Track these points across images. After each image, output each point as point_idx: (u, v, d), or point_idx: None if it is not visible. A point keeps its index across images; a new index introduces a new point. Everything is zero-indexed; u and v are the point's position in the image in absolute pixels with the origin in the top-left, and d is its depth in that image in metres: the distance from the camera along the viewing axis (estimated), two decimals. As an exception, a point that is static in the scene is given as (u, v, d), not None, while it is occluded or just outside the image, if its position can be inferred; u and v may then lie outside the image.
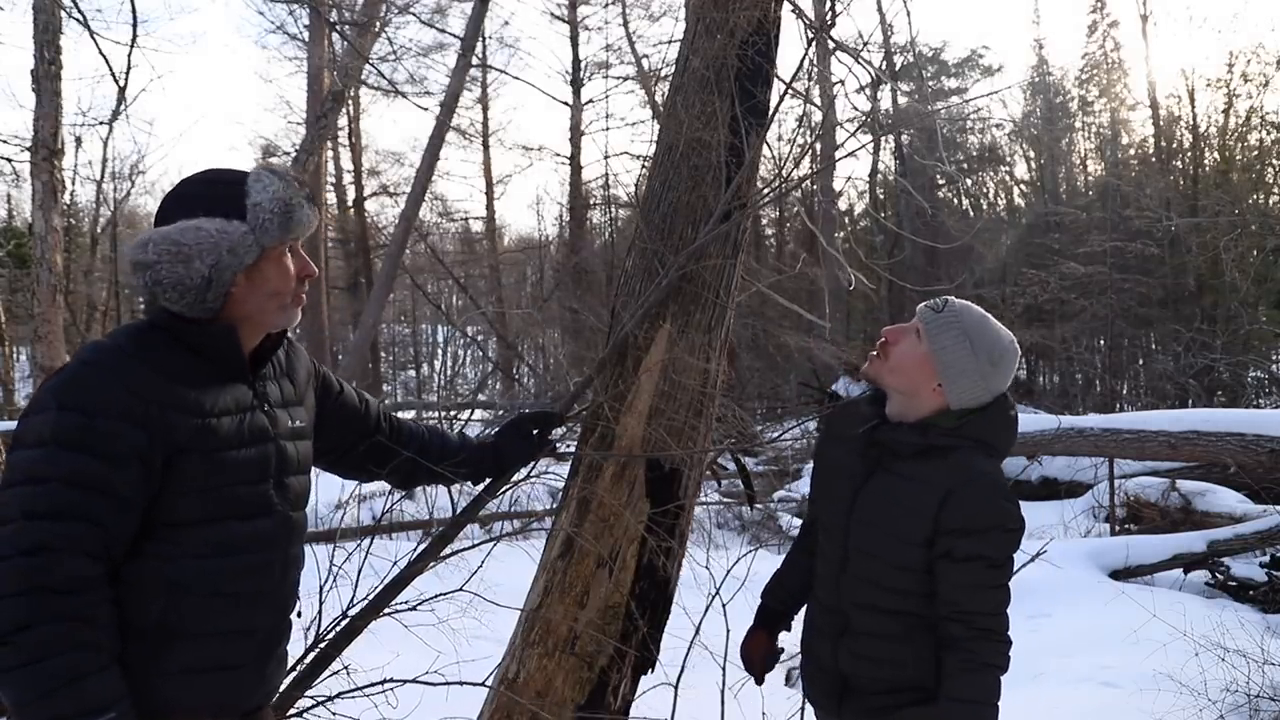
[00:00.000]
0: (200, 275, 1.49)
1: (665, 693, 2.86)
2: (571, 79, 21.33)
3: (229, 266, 1.51)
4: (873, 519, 1.90)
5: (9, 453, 1.43)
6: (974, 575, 1.79)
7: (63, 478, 1.39)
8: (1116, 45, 22.55)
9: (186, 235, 1.50)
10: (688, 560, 2.76)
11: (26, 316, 13.64)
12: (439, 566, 2.51)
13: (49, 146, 9.81)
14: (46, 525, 1.37)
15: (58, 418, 1.40)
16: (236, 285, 1.54)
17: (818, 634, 2.05)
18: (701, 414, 2.57)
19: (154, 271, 1.49)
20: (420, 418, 12.57)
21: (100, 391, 1.42)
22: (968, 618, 1.78)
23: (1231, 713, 3.72)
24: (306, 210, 1.60)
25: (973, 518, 1.79)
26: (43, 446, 1.40)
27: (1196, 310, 16.15)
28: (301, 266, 1.63)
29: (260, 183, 1.57)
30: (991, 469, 1.87)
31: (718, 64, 2.55)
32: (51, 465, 1.39)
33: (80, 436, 1.40)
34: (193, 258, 1.49)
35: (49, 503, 1.38)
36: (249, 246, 1.53)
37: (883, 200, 19.38)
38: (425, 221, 21.39)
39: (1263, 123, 16.86)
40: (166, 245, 1.49)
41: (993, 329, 1.90)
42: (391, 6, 14.96)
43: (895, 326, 1.96)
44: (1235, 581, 6.25)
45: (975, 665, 1.77)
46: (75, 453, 1.39)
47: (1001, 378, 1.89)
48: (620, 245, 19.69)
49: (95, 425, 1.40)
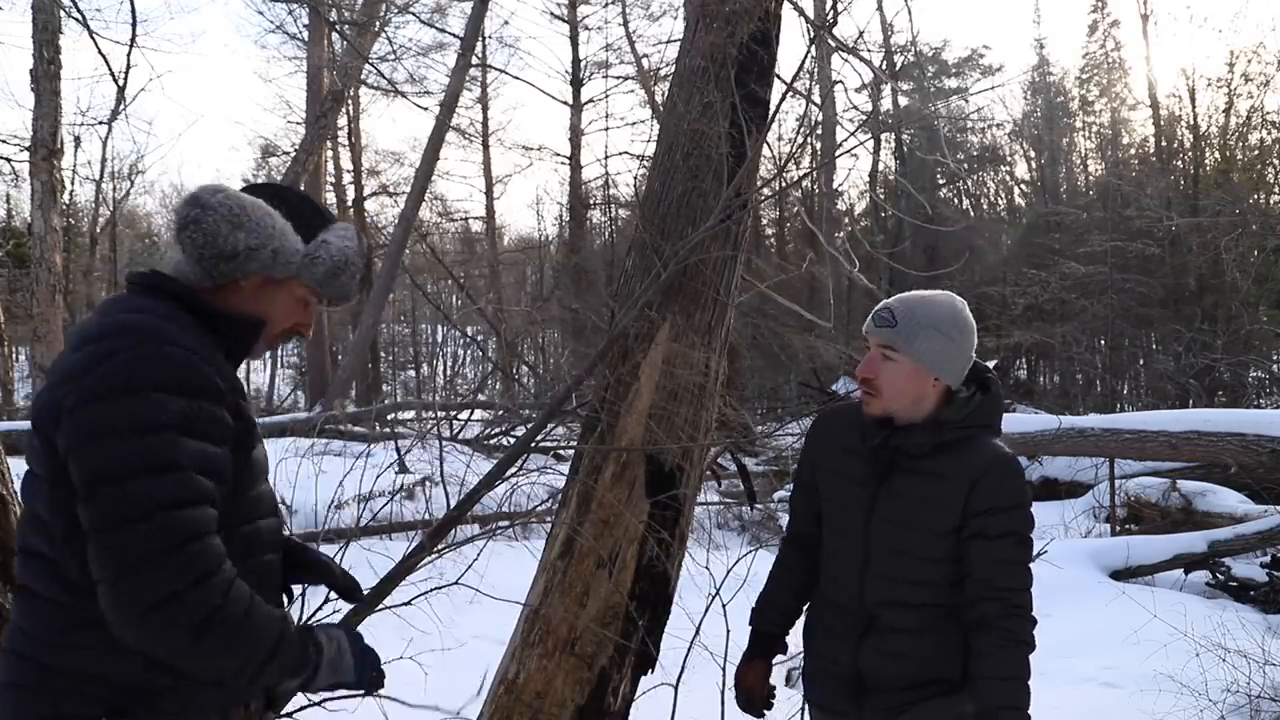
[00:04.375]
0: (233, 246, 1.45)
1: (665, 693, 2.86)
2: (571, 79, 21.32)
3: (261, 263, 1.49)
4: (898, 517, 1.93)
5: (88, 443, 1.29)
6: (1008, 551, 1.86)
7: (194, 466, 1.31)
8: (1117, 45, 22.58)
9: (255, 211, 1.48)
10: (688, 560, 2.76)
11: (26, 316, 13.63)
12: (437, 568, 2.50)
13: (48, 146, 9.81)
14: (191, 513, 1.30)
15: (159, 401, 1.30)
16: (248, 282, 1.51)
17: (832, 637, 2.04)
18: (701, 413, 2.57)
19: (202, 214, 1.45)
20: (420, 417, 12.56)
21: (192, 374, 1.35)
22: (1004, 595, 1.84)
23: (1232, 713, 3.71)
24: (351, 285, 1.60)
25: (1002, 497, 1.86)
26: (158, 432, 1.29)
27: (1197, 310, 16.15)
28: (302, 321, 1.60)
29: (341, 234, 1.58)
30: (1005, 450, 1.94)
31: (718, 59, 2.54)
32: (178, 451, 1.30)
33: (191, 421, 1.32)
34: (243, 228, 1.46)
35: (188, 489, 1.30)
36: (289, 265, 1.52)
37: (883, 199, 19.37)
38: (425, 221, 21.38)
39: (1264, 122, 16.88)
40: (233, 203, 1.47)
41: (941, 305, 1.92)
42: (391, 6, 14.95)
43: (865, 362, 1.95)
44: (1236, 582, 6.24)
45: (1012, 642, 1.83)
46: (195, 439, 1.32)
47: (973, 335, 1.95)
48: (620, 245, 19.69)
49: (201, 409, 1.34)
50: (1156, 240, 15.94)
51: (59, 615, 1.38)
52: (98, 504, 1.28)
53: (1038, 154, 23.06)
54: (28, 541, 1.43)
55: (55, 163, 9.98)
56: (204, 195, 1.47)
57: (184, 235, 1.46)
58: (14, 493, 2.76)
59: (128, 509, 1.27)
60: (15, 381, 15.41)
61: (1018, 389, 16.81)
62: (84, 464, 1.29)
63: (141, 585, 1.26)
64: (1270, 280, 15.01)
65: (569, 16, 21.33)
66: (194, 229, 1.45)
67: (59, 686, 1.37)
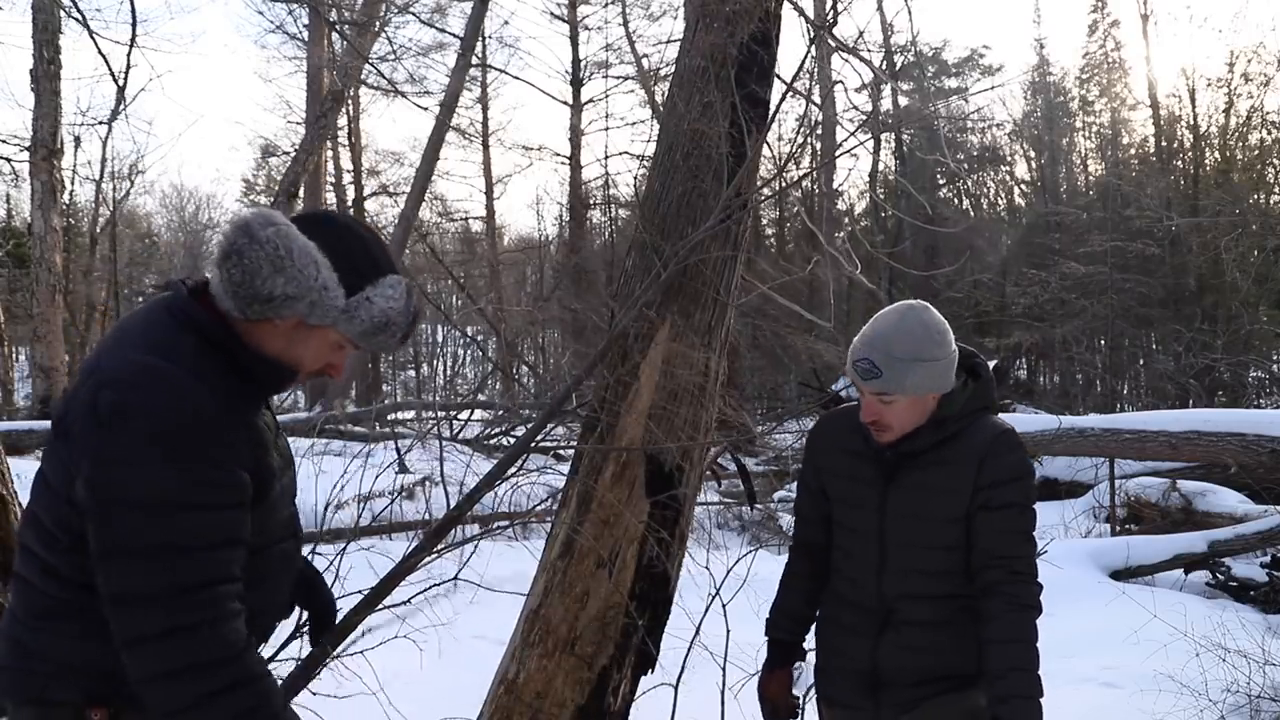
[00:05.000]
0: (270, 291, 1.39)
1: (665, 693, 2.85)
2: (571, 79, 21.31)
3: (296, 311, 1.43)
4: (911, 510, 1.98)
5: (102, 509, 1.30)
6: (1009, 521, 1.92)
7: (203, 542, 1.32)
8: (1117, 45, 22.58)
9: (301, 258, 1.40)
10: (688, 560, 2.76)
11: (26, 316, 13.63)
12: (435, 569, 2.50)
13: (48, 146, 9.82)
14: (194, 597, 1.31)
15: (173, 472, 1.30)
16: (285, 323, 1.45)
17: (848, 633, 2.07)
18: (701, 413, 2.57)
19: (249, 246, 1.38)
20: (420, 417, 12.55)
21: (211, 437, 1.34)
22: (1006, 562, 1.91)
23: (1232, 713, 3.71)
24: (391, 343, 1.53)
25: (1004, 469, 1.93)
26: (167, 508, 1.30)
27: (1197, 310, 16.15)
28: (334, 363, 1.56)
29: (390, 290, 1.48)
30: (1004, 425, 2.01)
31: (718, 59, 2.54)
32: (185, 530, 1.30)
33: (207, 492, 1.32)
34: (283, 273, 1.39)
35: (193, 572, 1.31)
36: (327, 314, 1.45)
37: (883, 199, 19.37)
38: (425, 221, 21.37)
39: (1264, 122, 16.88)
40: (281, 242, 1.39)
41: (912, 331, 1.92)
42: (391, 6, 14.94)
43: (866, 408, 1.97)
44: (1236, 582, 6.24)
45: (1017, 606, 1.89)
46: (206, 511, 1.32)
47: (949, 339, 1.96)
48: (620, 245, 19.68)
49: (218, 477, 1.34)
50: (1156, 240, 15.95)
51: (42, 602, 1.41)
52: (112, 574, 1.31)
53: (1038, 154, 23.07)
54: (24, 538, 1.46)
55: (55, 163, 9.99)
56: (255, 225, 1.40)
57: (226, 265, 1.40)
58: (14, 493, 2.76)
59: (138, 583, 1.30)
60: (15, 381, 15.41)
61: (1018, 389, 16.80)
62: (98, 528, 1.31)
63: (152, 658, 1.30)
64: (1270, 280, 15.01)
65: (569, 16, 21.32)
66: (236, 261, 1.39)
67: (44, 671, 1.40)
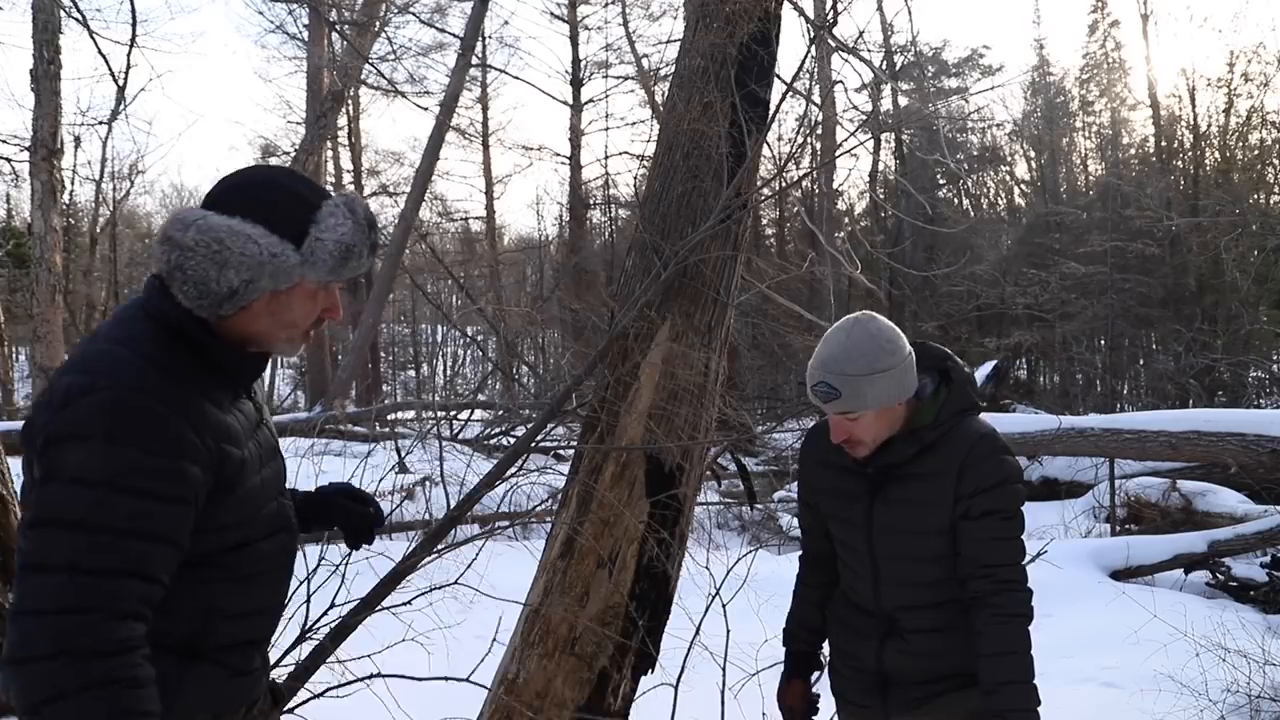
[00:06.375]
0: (228, 286, 1.34)
1: (665, 693, 2.85)
2: (571, 79, 21.32)
3: (261, 287, 1.38)
4: (897, 525, 1.98)
5: (41, 484, 1.25)
6: (991, 529, 1.90)
7: (120, 527, 1.23)
8: (1117, 45, 22.57)
9: (235, 241, 1.34)
10: (688, 560, 2.76)
11: (26, 316, 13.63)
12: (435, 569, 2.50)
13: (48, 146, 9.82)
14: (95, 581, 1.22)
15: (109, 452, 1.24)
16: (258, 301, 1.41)
17: (857, 636, 2.10)
18: (701, 413, 2.57)
19: (183, 257, 1.33)
20: (420, 417, 12.56)
21: (157, 423, 1.27)
22: (990, 572, 1.90)
23: (1232, 713, 3.71)
24: (365, 259, 1.47)
25: (984, 476, 1.90)
26: (92, 486, 1.23)
27: (1197, 310, 16.14)
28: (329, 307, 1.50)
29: (333, 219, 1.42)
30: (983, 427, 1.98)
31: (718, 59, 2.54)
32: (105, 511, 1.23)
33: (139, 478, 1.25)
34: (229, 265, 1.34)
35: (100, 556, 1.22)
36: (290, 274, 1.40)
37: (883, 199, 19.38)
38: (425, 221, 21.37)
39: (1264, 122, 16.87)
40: (209, 239, 1.34)
41: (862, 345, 1.89)
42: (391, 6, 14.95)
43: (834, 428, 1.95)
44: (1236, 582, 6.24)
45: (1003, 617, 1.89)
46: (134, 497, 1.25)
47: (903, 344, 1.93)
48: (620, 245, 19.69)
49: (156, 464, 1.26)
50: (1156, 240, 15.94)
51: None
52: (31, 542, 1.24)
53: (1038, 154, 23.06)
54: None
55: (55, 163, 9.99)
56: (176, 234, 1.35)
57: (175, 285, 1.35)
58: (14, 493, 2.77)
59: (47, 555, 1.23)
60: (15, 381, 15.41)
61: (1018, 389, 16.78)
62: (35, 499, 1.26)
63: (35, 635, 1.21)
64: (1270, 280, 15.00)
65: (569, 16, 21.34)
66: (181, 278, 1.34)
67: None
